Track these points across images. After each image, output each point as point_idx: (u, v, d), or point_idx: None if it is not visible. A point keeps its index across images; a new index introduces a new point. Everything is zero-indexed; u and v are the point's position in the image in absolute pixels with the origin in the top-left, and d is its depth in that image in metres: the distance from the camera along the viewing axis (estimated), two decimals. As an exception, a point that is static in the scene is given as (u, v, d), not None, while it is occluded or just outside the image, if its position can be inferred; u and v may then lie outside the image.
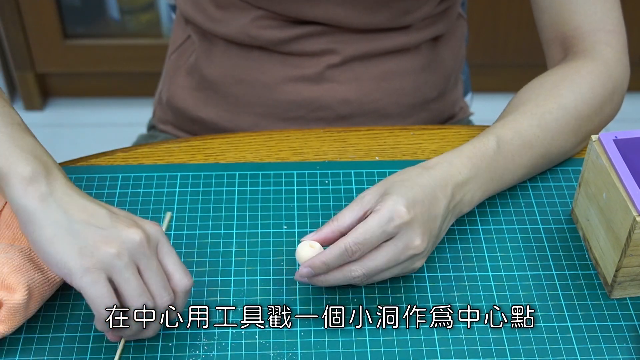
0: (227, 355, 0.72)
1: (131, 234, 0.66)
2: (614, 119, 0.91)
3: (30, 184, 0.66)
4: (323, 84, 1.00)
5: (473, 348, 0.73)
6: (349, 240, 0.70)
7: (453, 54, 1.09)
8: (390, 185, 0.74)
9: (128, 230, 0.66)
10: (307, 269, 0.71)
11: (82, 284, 0.64)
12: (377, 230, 0.70)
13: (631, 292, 0.77)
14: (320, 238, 0.73)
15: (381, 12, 0.96)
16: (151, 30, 2.11)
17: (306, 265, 0.71)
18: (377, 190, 0.74)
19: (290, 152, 0.91)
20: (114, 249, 0.65)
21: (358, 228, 0.71)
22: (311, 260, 0.71)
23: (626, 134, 0.77)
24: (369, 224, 0.71)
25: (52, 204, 0.67)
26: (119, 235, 0.66)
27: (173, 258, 0.69)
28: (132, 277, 0.66)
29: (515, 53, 2.11)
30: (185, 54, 1.08)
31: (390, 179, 0.75)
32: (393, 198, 0.72)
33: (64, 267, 0.65)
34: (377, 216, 0.71)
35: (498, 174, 0.81)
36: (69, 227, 0.66)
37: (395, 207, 0.71)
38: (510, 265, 0.80)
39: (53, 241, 0.65)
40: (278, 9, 0.96)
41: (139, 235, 0.66)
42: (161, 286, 0.67)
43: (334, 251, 0.71)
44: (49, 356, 0.72)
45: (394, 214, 0.71)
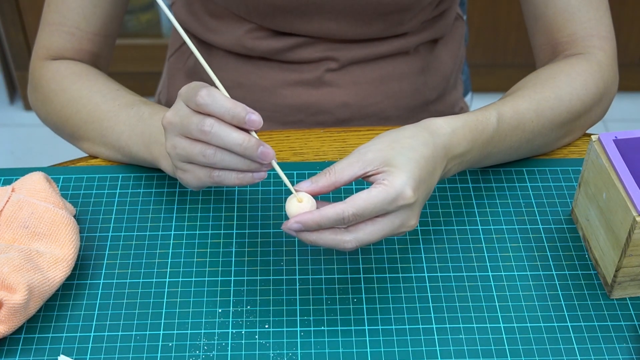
0: (227, 355, 0.72)
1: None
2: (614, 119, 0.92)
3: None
4: (322, 88, 1.00)
5: (473, 348, 0.73)
6: (347, 209, 0.68)
7: (452, 55, 1.09)
8: (398, 154, 0.71)
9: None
10: (297, 225, 0.68)
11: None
12: (379, 206, 0.68)
13: (631, 292, 0.77)
14: (315, 191, 0.70)
15: (375, 24, 0.96)
16: (151, 30, 2.11)
17: (297, 220, 0.68)
18: (382, 153, 0.71)
19: (290, 153, 0.91)
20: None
21: (359, 199, 0.68)
22: (303, 216, 0.68)
23: (626, 134, 0.77)
24: (372, 199, 0.68)
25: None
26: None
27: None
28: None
29: (515, 53, 2.11)
30: (184, 56, 1.08)
31: (396, 139, 0.72)
32: (402, 177, 0.69)
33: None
34: (383, 193, 0.68)
35: (489, 151, 0.81)
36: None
37: (403, 189, 0.68)
38: (510, 265, 0.80)
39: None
40: (271, 24, 0.96)
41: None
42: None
43: (329, 214, 0.68)
44: (49, 356, 0.72)
45: (400, 195, 0.68)
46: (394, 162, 0.70)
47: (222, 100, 0.68)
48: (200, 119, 0.69)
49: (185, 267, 0.79)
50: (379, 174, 0.70)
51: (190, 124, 0.69)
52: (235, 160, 0.69)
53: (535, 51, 0.95)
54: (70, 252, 0.76)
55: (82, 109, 0.88)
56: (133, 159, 0.86)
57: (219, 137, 0.68)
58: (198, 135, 0.69)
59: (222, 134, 0.68)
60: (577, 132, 0.90)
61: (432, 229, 0.83)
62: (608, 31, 0.91)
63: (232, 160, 0.69)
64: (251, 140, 0.68)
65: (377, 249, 0.81)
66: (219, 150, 0.69)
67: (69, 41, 0.92)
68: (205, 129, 0.68)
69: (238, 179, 0.70)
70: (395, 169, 0.70)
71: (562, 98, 0.85)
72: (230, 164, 0.69)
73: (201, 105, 0.68)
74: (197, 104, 0.68)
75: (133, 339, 0.73)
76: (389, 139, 0.72)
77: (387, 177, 0.69)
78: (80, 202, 0.85)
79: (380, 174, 0.70)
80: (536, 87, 0.85)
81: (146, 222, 0.83)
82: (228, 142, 0.68)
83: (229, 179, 0.70)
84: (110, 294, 0.77)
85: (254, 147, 0.68)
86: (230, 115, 0.68)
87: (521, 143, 0.84)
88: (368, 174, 0.70)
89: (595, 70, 0.88)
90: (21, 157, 2.11)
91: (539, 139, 0.85)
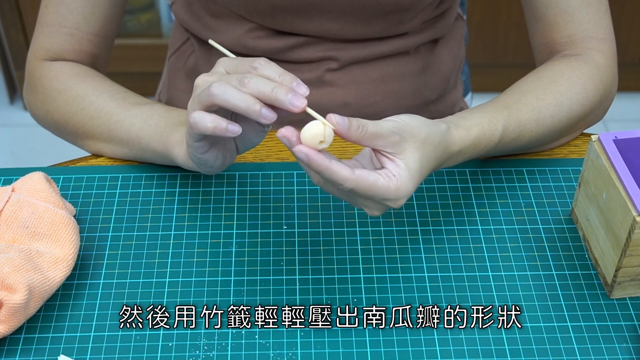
0: (227, 355, 0.72)
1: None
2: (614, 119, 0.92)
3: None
4: (322, 87, 1.00)
5: (473, 348, 0.73)
6: (350, 181, 0.67)
7: (452, 55, 1.09)
8: (418, 160, 0.70)
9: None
10: (304, 156, 0.67)
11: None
12: (374, 193, 0.68)
13: (631, 292, 0.77)
14: (342, 133, 0.68)
15: (375, 23, 0.96)
16: (151, 30, 2.11)
17: (307, 153, 0.67)
18: (409, 146, 0.70)
19: (291, 152, 0.91)
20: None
21: (365, 181, 0.67)
22: (315, 155, 0.67)
23: (626, 134, 0.77)
24: (375, 188, 0.68)
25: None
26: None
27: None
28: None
29: (515, 53, 2.11)
30: (184, 56, 1.08)
31: (426, 142, 0.71)
32: (408, 187, 0.69)
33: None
34: (385, 190, 0.68)
35: (481, 155, 0.82)
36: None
37: (400, 196, 0.69)
38: (510, 265, 0.80)
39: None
40: (271, 23, 0.96)
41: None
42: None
43: (334, 173, 0.67)
44: (49, 356, 0.72)
45: (394, 199, 0.69)
46: (412, 165, 0.70)
47: (275, 67, 0.70)
48: (241, 74, 0.70)
49: (185, 267, 0.79)
50: (393, 163, 0.70)
51: (231, 77, 0.70)
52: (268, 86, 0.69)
53: (535, 51, 0.96)
54: (70, 252, 0.76)
55: (88, 105, 0.88)
56: (142, 150, 0.86)
57: (255, 84, 0.69)
58: (237, 85, 0.69)
59: (259, 82, 0.69)
60: (576, 133, 0.91)
61: (432, 229, 0.83)
62: (607, 33, 0.91)
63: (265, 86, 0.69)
64: (282, 87, 0.68)
65: (377, 249, 0.81)
66: (257, 77, 0.70)
67: (69, 42, 0.92)
68: (246, 80, 0.69)
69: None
70: (409, 174, 0.70)
71: (562, 104, 0.85)
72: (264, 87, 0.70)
73: (255, 68, 0.70)
74: (253, 66, 0.70)
75: (133, 338, 0.73)
76: (420, 136, 0.71)
77: (398, 175, 0.69)
78: (80, 202, 0.85)
79: (394, 165, 0.70)
80: (538, 91, 0.84)
81: (146, 222, 0.83)
82: (261, 89, 0.69)
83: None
84: (110, 294, 0.77)
85: (284, 94, 0.68)
86: (280, 79, 0.69)
87: (516, 148, 0.86)
88: (384, 154, 0.70)
89: (594, 73, 0.88)
90: (21, 157, 2.11)
91: (535, 143, 0.87)
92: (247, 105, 0.68)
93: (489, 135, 0.80)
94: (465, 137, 0.77)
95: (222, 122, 0.70)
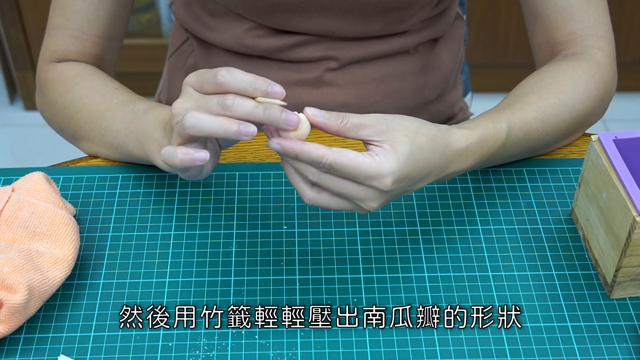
0: (227, 355, 0.72)
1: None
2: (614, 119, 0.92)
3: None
4: (322, 87, 1.00)
5: (473, 348, 0.73)
6: (328, 156, 0.67)
7: (452, 54, 1.09)
8: (405, 144, 0.70)
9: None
10: (277, 146, 0.68)
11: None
12: (356, 172, 0.68)
13: (631, 292, 0.77)
14: (320, 125, 0.70)
15: (374, 21, 0.96)
16: (151, 30, 2.11)
17: (279, 141, 0.68)
18: (394, 133, 0.70)
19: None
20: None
21: (344, 156, 0.68)
22: (286, 141, 0.68)
23: (626, 134, 0.77)
24: (355, 163, 0.68)
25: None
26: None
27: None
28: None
29: (515, 53, 2.11)
30: (184, 55, 1.08)
31: (416, 132, 0.71)
32: (392, 164, 0.69)
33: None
34: (367, 165, 0.68)
35: (489, 161, 0.81)
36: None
37: (385, 174, 0.69)
38: (510, 265, 0.80)
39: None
40: (270, 22, 0.96)
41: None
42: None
43: (310, 152, 0.68)
44: (48, 356, 0.72)
45: (379, 177, 0.69)
46: (398, 147, 0.70)
47: (243, 76, 0.69)
48: (220, 96, 0.69)
49: (185, 267, 0.79)
50: (377, 147, 0.70)
51: (209, 101, 0.69)
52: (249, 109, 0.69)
53: (535, 50, 0.96)
54: (70, 252, 0.76)
55: (82, 108, 0.88)
56: (131, 157, 0.86)
57: (242, 107, 0.68)
58: (220, 110, 0.69)
59: (245, 104, 0.68)
60: (578, 133, 0.90)
61: (432, 229, 0.83)
62: (606, 30, 0.91)
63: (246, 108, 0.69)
64: (273, 107, 0.68)
65: (377, 249, 0.81)
66: (236, 97, 0.69)
67: (73, 44, 0.93)
68: (228, 102, 0.68)
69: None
70: (394, 153, 0.69)
71: (566, 104, 0.84)
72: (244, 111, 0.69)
73: (222, 84, 0.68)
74: (218, 82, 0.69)
75: (133, 338, 0.73)
76: (411, 127, 0.71)
77: (380, 153, 0.69)
78: (80, 202, 0.85)
79: (378, 148, 0.70)
80: (541, 92, 0.84)
81: (146, 222, 0.83)
82: (252, 112, 0.68)
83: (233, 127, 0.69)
84: (110, 294, 0.77)
85: (277, 113, 0.68)
86: (252, 88, 0.68)
87: (523, 151, 0.85)
88: (371, 142, 0.70)
89: (595, 72, 0.88)
90: (21, 157, 2.11)
91: (542, 144, 0.86)
92: (224, 130, 0.68)
93: (494, 133, 0.79)
94: (470, 135, 0.76)
95: (187, 154, 0.69)
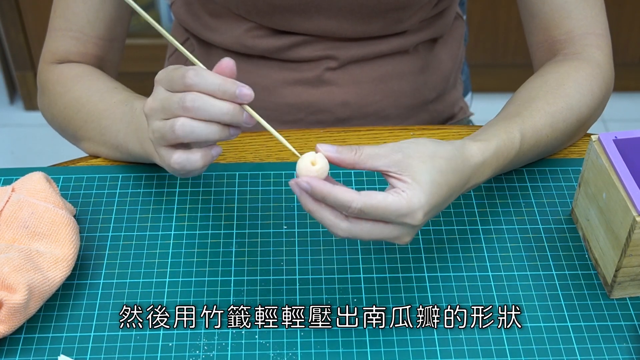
0: (227, 355, 0.72)
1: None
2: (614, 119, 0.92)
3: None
4: (322, 87, 1.00)
5: (473, 348, 0.73)
6: (358, 202, 0.66)
7: (451, 54, 1.09)
8: (426, 172, 0.69)
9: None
10: (307, 185, 0.67)
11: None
12: (387, 214, 0.67)
13: (631, 292, 0.77)
14: (334, 160, 0.68)
15: (374, 22, 0.96)
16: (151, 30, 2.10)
17: (309, 181, 0.66)
18: (412, 161, 0.69)
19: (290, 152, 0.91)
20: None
21: (374, 199, 0.66)
22: (316, 181, 0.67)
23: (626, 134, 0.77)
24: (385, 205, 0.66)
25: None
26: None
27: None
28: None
29: (515, 53, 2.11)
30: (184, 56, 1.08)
31: (433, 155, 0.70)
32: (420, 199, 0.67)
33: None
34: (397, 205, 0.67)
35: (503, 170, 0.81)
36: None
37: (416, 210, 0.67)
38: (510, 265, 0.80)
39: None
40: (270, 23, 0.96)
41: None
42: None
43: (339, 196, 0.66)
44: (49, 356, 0.72)
45: (411, 215, 0.67)
46: (420, 178, 0.68)
47: (211, 77, 0.67)
48: (180, 96, 0.68)
49: (185, 267, 0.79)
50: (400, 181, 0.68)
51: (171, 103, 0.68)
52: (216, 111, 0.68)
53: (532, 49, 0.95)
54: (70, 252, 0.76)
55: (81, 108, 0.88)
56: (131, 156, 0.86)
57: (203, 110, 0.67)
58: (180, 113, 0.68)
59: (206, 106, 0.67)
60: (581, 134, 0.90)
61: (432, 229, 0.83)
62: (603, 28, 0.91)
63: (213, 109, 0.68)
64: (236, 107, 0.68)
65: (377, 249, 0.81)
66: (197, 96, 0.68)
67: (74, 45, 0.93)
68: (187, 104, 0.67)
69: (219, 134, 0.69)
70: (418, 186, 0.68)
71: (572, 107, 0.84)
72: (211, 112, 0.68)
73: (190, 86, 0.68)
74: (186, 84, 0.68)
75: (133, 338, 0.73)
76: (426, 151, 0.70)
77: (407, 190, 0.68)
78: (80, 202, 0.85)
79: (402, 183, 0.68)
80: (548, 96, 0.84)
81: (146, 222, 0.83)
82: (213, 113, 0.67)
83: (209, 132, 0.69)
84: (110, 294, 0.77)
85: (239, 113, 0.68)
86: (221, 91, 0.67)
87: (533, 157, 0.85)
88: (390, 174, 0.69)
89: (597, 73, 0.88)
90: (21, 157, 2.11)
91: (550, 148, 0.86)
92: (217, 134, 0.68)
93: (509, 144, 0.78)
94: (486, 148, 0.75)
95: (207, 154, 0.70)
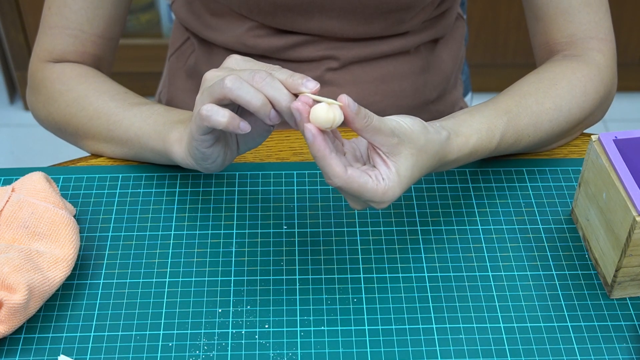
0: (227, 355, 0.72)
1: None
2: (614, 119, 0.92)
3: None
4: (323, 87, 1.00)
5: (473, 348, 0.73)
6: (340, 177, 0.67)
7: (452, 55, 1.09)
8: (409, 167, 0.70)
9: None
10: (311, 135, 0.67)
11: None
12: (362, 195, 0.69)
13: (631, 292, 0.77)
14: (348, 117, 0.68)
15: (376, 22, 0.96)
16: (151, 30, 2.11)
17: (316, 134, 0.67)
18: (404, 150, 0.70)
19: (290, 152, 0.91)
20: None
21: (355, 181, 0.68)
22: (318, 139, 0.67)
23: (626, 134, 0.77)
24: (363, 188, 0.68)
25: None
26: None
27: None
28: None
29: (515, 53, 2.11)
30: (185, 55, 1.08)
31: (422, 151, 0.71)
32: (395, 192, 0.70)
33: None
34: (373, 192, 0.69)
35: (476, 160, 0.83)
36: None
37: (385, 200, 0.70)
38: (510, 265, 0.80)
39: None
40: (272, 22, 0.96)
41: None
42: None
43: (331, 163, 0.67)
44: (48, 356, 0.72)
45: (379, 201, 0.69)
46: (402, 172, 0.70)
47: (279, 86, 0.69)
48: (253, 70, 0.70)
49: (185, 267, 0.79)
50: (384, 165, 0.70)
51: (243, 71, 0.70)
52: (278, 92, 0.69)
53: (535, 51, 0.96)
54: (70, 252, 0.76)
55: (88, 106, 0.88)
56: (141, 149, 0.86)
57: (270, 88, 0.69)
58: (249, 80, 0.69)
59: (267, 80, 0.69)
60: (575, 134, 0.91)
61: (432, 229, 0.83)
62: (607, 33, 0.92)
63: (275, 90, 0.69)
64: (288, 96, 0.69)
65: (377, 249, 0.81)
66: (268, 77, 0.69)
67: (72, 44, 0.92)
68: (257, 78, 0.69)
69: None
70: (398, 179, 0.70)
71: (561, 108, 0.85)
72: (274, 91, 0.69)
73: (271, 74, 0.70)
74: (269, 72, 0.70)
75: (133, 339, 0.73)
76: (417, 144, 0.71)
77: (387, 179, 0.70)
78: (80, 202, 0.85)
79: (385, 168, 0.70)
80: (538, 94, 0.84)
81: (146, 222, 0.83)
82: (266, 89, 0.69)
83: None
84: (110, 294, 0.77)
85: (288, 100, 0.69)
86: (289, 80, 0.69)
87: (512, 152, 0.86)
88: (378, 151, 0.70)
89: (594, 74, 0.88)
90: (21, 157, 2.11)
91: (532, 147, 0.87)
92: (260, 104, 0.69)
93: (486, 143, 0.80)
94: (464, 146, 0.77)
95: (235, 117, 0.70)
